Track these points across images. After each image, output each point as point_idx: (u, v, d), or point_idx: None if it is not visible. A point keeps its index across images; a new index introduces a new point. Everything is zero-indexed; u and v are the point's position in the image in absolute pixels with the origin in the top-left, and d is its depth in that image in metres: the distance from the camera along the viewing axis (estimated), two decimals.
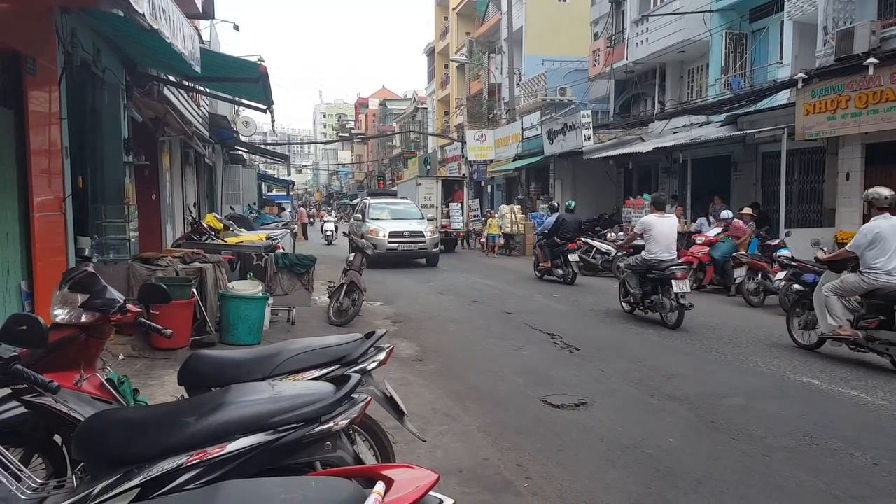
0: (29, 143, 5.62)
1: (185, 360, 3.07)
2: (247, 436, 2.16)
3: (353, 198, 65.58)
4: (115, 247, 8.30)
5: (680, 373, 6.43)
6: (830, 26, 12.83)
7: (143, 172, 10.45)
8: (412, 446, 4.29)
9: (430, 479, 1.72)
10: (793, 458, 4.29)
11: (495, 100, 33.08)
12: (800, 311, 7.64)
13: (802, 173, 14.86)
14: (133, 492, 2.06)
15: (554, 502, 3.70)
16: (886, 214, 6.82)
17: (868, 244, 6.67)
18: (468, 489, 3.81)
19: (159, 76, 10.32)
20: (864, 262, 6.73)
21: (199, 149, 14.69)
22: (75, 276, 3.03)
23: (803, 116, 12.94)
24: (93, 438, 2.21)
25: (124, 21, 6.26)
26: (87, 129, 8.15)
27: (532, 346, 7.75)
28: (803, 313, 7.55)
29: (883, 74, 11.38)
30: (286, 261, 8.79)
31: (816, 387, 5.96)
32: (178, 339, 6.43)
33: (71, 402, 2.71)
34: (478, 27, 37.19)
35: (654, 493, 3.79)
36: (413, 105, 54.63)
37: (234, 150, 24.05)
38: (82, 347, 2.96)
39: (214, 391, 2.61)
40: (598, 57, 22.37)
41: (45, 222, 5.90)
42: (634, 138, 19.25)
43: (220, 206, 20.58)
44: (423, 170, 36.91)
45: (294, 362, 3.12)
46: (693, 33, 17.47)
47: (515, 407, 5.42)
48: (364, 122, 75.08)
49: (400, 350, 7.17)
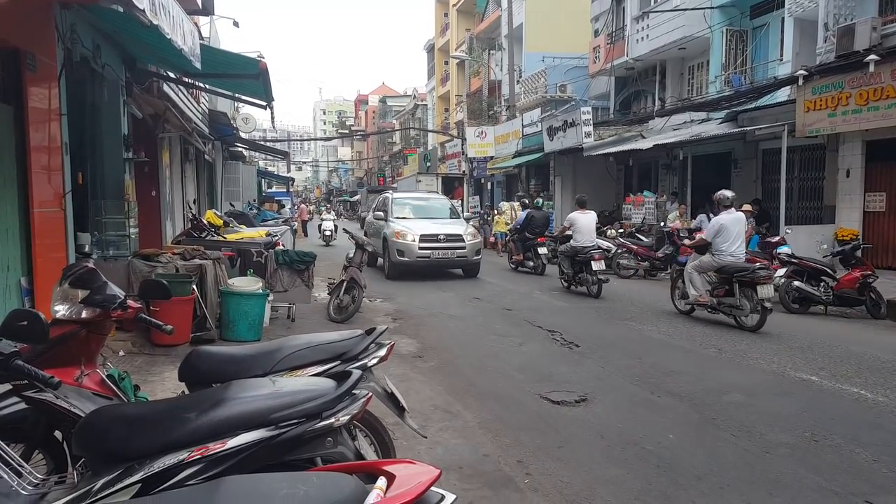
0: (29, 140, 5.62)
1: (186, 357, 3.07)
2: (248, 432, 2.16)
3: (352, 195, 65.55)
4: (115, 243, 8.30)
5: (680, 369, 6.43)
6: (831, 23, 12.81)
7: (143, 169, 10.44)
8: (413, 442, 4.29)
9: (431, 475, 1.72)
10: (793, 455, 4.29)
11: (495, 97, 33.04)
12: (680, 286, 9.60)
13: (803, 170, 14.86)
14: (134, 487, 2.06)
15: (554, 498, 3.70)
16: (731, 210, 8.90)
17: (716, 233, 8.77)
18: (469, 485, 3.81)
19: (159, 72, 10.31)
20: (714, 247, 8.82)
21: (198, 145, 14.67)
22: (76, 272, 3.03)
23: (804, 113, 12.93)
24: (94, 434, 2.21)
25: (124, 17, 6.23)
26: (87, 125, 8.14)
27: (532, 342, 7.75)
28: (681, 287, 9.55)
29: (884, 71, 11.37)
30: (286, 257, 8.79)
31: (816, 383, 5.96)
32: (179, 335, 6.44)
33: (71, 397, 2.71)
34: (478, 23, 37.13)
35: (654, 490, 3.79)
36: (413, 102, 54.59)
37: (234, 146, 24.02)
38: (83, 343, 2.96)
39: (215, 387, 2.60)
40: (598, 54, 22.34)
41: (45, 218, 5.90)
42: (635, 135, 19.24)
43: (220, 203, 20.58)
44: (423, 167, 36.94)
45: (295, 358, 3.12)
46: (693, 30, 17.45)
47: (516, 403, 5.43)
48: (364, 118, 75.02)
49: (400, 346, 7.18)
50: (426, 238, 13.25)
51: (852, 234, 12.16)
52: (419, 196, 17.44)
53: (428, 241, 13.22)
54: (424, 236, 13.26)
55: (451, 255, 13.39)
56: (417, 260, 13.16)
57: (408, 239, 13.21)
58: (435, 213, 15.12)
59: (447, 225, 14.04)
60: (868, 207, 12.75)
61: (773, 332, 8.20)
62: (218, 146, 20.39)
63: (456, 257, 13.48)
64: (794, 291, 9.74)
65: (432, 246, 13.21)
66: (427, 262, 13.29)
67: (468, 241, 13.55)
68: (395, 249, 13.20)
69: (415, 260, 13.15)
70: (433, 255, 13.20)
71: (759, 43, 16.73)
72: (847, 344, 7.55)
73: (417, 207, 15.24)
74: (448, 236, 13.45)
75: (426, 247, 13.17)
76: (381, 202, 16.00)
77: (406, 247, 13.12)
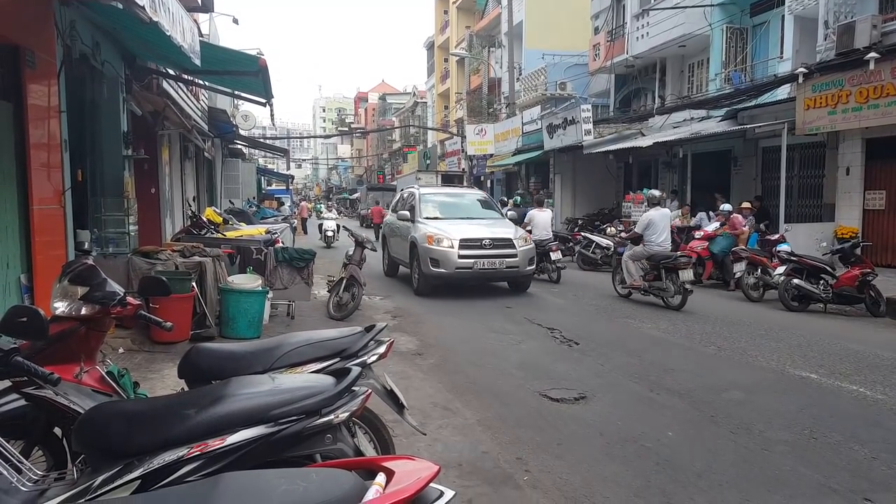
0: (28, 137, 5.62)
1: (186, 354, 3.07)
2: (247, 428, 2.17)
3: (352, 192, 65.50)
4: (115, 240, 8.29)
5: (679, 367, 6.44)
6: (831, 21, 12.81)
7: (143, 166, 10.44)
8: (412, 439, 4.30)
9: (430, 471, 1.72)
10: (792, 452, 4.29)
11: (495, 94, 33.04)
12: (619, 273, 10.93)
13: (802, 168, 14.86)
14: (133, 484, 2.06)
15: (553, 495, 3.71)
16: (658, 207, 10.60)
17: (645, 227, 10.24)
18: (468, 482, 3.81)
19: (159, 69, 10.30)
20: (644, 238, 10.28)
21: (198, 143, 14.67)
22: (75, 269, 3.03)
23: (804, 111, 12.93)
24: (93, 431, 2.21)
25: (124, 13, 6.23)
26: (87, 122, 8.14)
27: (531, 340, 7.75)
28: (620, 273, 10.89)
29: (884, 69, 11.37)
30: (286, 255, 8.79)
31: (815, 381, 5.97)
32: (178, 332, 6.43)
33: (71, 394, 2.71)
34: (478, 21, 37.13)
35: (653, 487, 3.79)
36: (413, 99, 54.58)
37: (234, 144, 24.01)
38: (82, 340, 2.97)
39: (214, 384, 2.61)
40: (598, 51, 22.33)
41: (44, 215, 5.90)
42: (634, 133, 19.23)
43: (220, 201, 20.58)
44: (423, 164, 36.93)
45: (294, 355, 3.12)
46: (694, 27, 17.45)
47: (515, 401, 5.43)
48: (363, 116, 75.04)
49: (400, 344, 7.18)
50: (467, 244, 10.70)
51: (852, 231, 12.17)
52: (452, 191, 14.57)
53: (470, 248, 10.68)
54: (465, 241, 10.71)
55: (499, 265, 10.79)
56: (456, 272, 10.64)
57: (444, 245, 10.68)
58: (473, 211, 12.58)
59: (491, 227, 11.54)
60: (868, 205, 12.76)
61: (772, 330, 8.21)
62: (217, 143, 20.38)
63: (505, 268, 10.85)
64: (793, 289, 9.74)
65: (475, 254, 10.67)
66: (469, 275, 10.80)
67: (520, 248, 10.96)
68: (427, 258, 10.73)
69: (453, 272, 10.63)
70: (477, 265, 10.64)
71: (760, 40, 16.72)
72: (846, 342, 7.55)
73: (451, 205, 12.67)
74: (494, 241, 10.88)
75: (468, 255, 10.62)
76: (405, 199, 13.32)
77: (442, 255, 10.61)
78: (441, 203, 12.61)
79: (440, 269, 10.65)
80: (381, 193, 36.88)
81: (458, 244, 10.65)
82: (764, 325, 8.52)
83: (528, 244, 11.25)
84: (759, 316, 9.33)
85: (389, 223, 13.72)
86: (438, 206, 12.43)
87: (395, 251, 13.00)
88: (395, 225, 12.98)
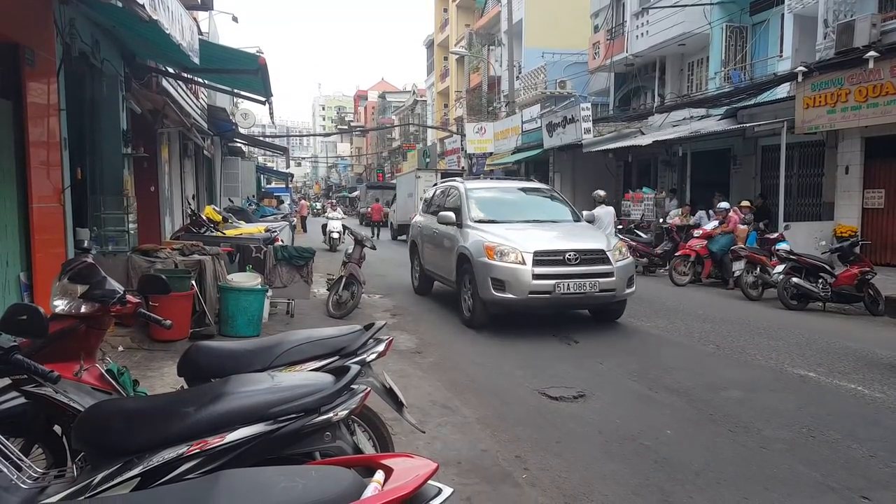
0: (28, 135, 5.62)
1: (185, 352, 3.08)
2: (246, 426, 2.17)
3: (351, 190, 65.40)
4: (114, 239, 8.29)
5: (678, 366, 6.44)
6: (831, 19, 12.81)
7: (142, 164, 10.43)
8: (411, 438, 4.31)
9: (429, 469, 1.73)
10: (790, 450, 4.30)
11: (495, 92, 33.04)
12: None
13: (802, 167, 14.87)
14: (133, 481, 2.07)
15: (552, 493, 3.71)
16: (602, 205, 12.60)
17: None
18: (467, 480, 3.82)
19: (158, 68, 10.29)
20: None
21: (197, 141, 14.66)
22: (75, 267, 3.04)
23: (803, 110, 12.94)
24: (93, 428, 2.22)
25: (123, 12, 6.22)
26: (86, 120, 8.14)
27: (530, 338, 7.75)
28: None
29: (883, 68, 11.37)
30: (285, 253, 8.80)
31: (814, 379, 5.98)
32: (178, 330, 6.44)
33: (71, 392, 2.72)
34: (477, 19, 37.11)
35: (651, 485, 3.80)
36: (412, 98, 54.56)
37: (233, 142, 23.99)
38: (82, 338, 2.97)
39: (214, 382, 2.61)
40: (597, 50, 22.33)
41: (44, 214, 5.91)
42: (634, 131, 19.24)
43: (219, 199, 20.57)
44: (423, 163, 36.88)
45: (293, 353, 3.13)
46: (693, 26, 17.45)
47: (514, 399, 5.44)
48: (363, 114, 75.00)
49: (399, 342, 7.18)
50: (545, 258, 7.75)
51: (851, 230, 12.18)
52: (507, 185, 11.01)
53: (548, 264, 7.72)
54: (541, 255, 7.75)
55: (590, 287, 7.69)
56: (530, 298, 7.68)
57: (511, 260, 7.73)
58: (539, 211, 9.50)
59: (571, 234, 8.58)
60: (867, 204, 12.77)
61: (771, 329, 8.22)
62: (217, 142, 20.37)
63: (598, 292, 7.76)
64: (792, 288, 9.75)
65: (556, 272, 7.67)
66: (547, 302, 7.79)
67: (616, 263, 7.94)
68: (486, 278, 7.82)
69: (526, 298, 7.66)
70: (558, 288, 7.61)
71: (759, 39, 16.72)
72: (845, 340, 7.56)
73: (509, 203, 9.61)
74: (582, 254, 7.84)
75: (546, 274, 7.64)
76: (445, 195, 10.39)
77: (510, 274, 7.65)
78: (496, 200, 9.57)
79: (506, 293, 7.63)
80: (380, 192, 36.86)
81: (531, 259, 7.64)
82: (763, 324, 8.53)
83: (625, 257, 8.27)
84: (757, 314, 9.34)
85: (421, 227, 10.90)
86: (493, 204, 9.37)
87: (431, 263, 10.26)
88: (430, 229, 10.17)
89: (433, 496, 1.69)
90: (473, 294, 8.17)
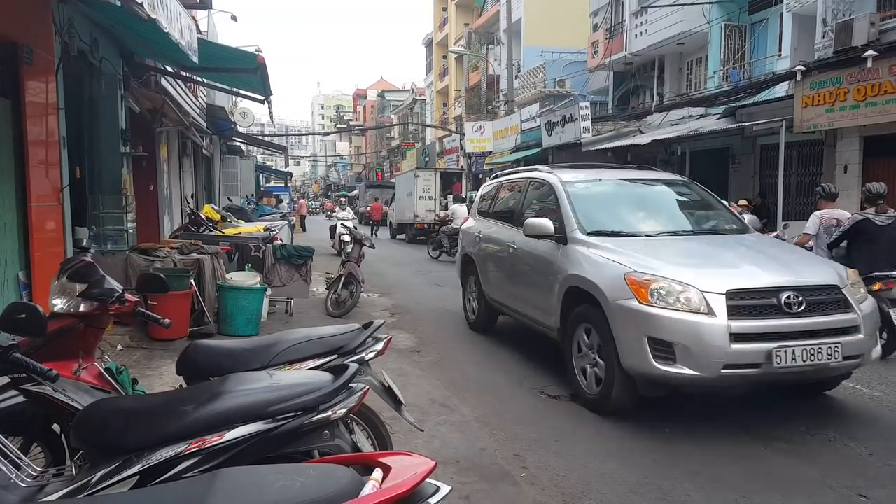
0: (26, 134, 5.62)
1: (184, 350, 3.08)
2: (245, 424, 2.18)
3: (350, 189, 65.36)
4: (113, 237, 8.29)
5: None
6: (829, 18, 12.81)
7: (141, 163, 10.43)
8: (410, 436, 4.31)
9: (427, 467, 1.73)
10: (788, 449, 4.31)
11: (494, 91, 33.02)
12: None
13: (800, 166, 14.87)
14: (132, 479, 2.07)
15: (550, 492, 3.72)
16: None
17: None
18: (465, 478, 3.83)
19: (157, 66, 10.29)
20: None
21: (196, 140, 14.66)
22: (74, 266, 3.03)
23: (802, 109, 12.93)
24: (92, 427, 2.22)
25: (122, 10, 6.20)
26: (85, 119, 8.13)
27: (530, 337, 7.75)
28: None
29: (881, 67, 11.36)
30: (284, 252, 8.80)
31: None
32: (176, 329, 6.45)
33: (69, 391, 2.72)
34: (477, 18, 37.10)
35: (649, 483, 3.81)
36: (411, 96, 54.52)
37: (232, 141, 24.00)
38: (81, 337, 2.97)
39: (213, 381, 2.62)
40: (596, 48, 22.32)
41: (42, 213, 5.91)
42: (633, 130, 19.23)
43: (218, 198, 20.56)
44: (422, 162, 36.91)
45: (292, 352, 3.13)
46: (692, 25, 17.44)
47: (513, 398, 5.44)
48: (362, 113, 74.96)
49: (398, 341, 7.18)
50: (746, 302, 4.48)
51: None
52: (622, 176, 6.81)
53: (754, 314, 4.45)
54: (739, 296, 4.49)
55: (827, 354, 4.37)
56: (724, 375, 4.35)
57: (685, 305, 4.46)
58: (687, 217, 6.27)
59: (770, 258, 5.23)
60: None
61: None
62: (216, 141, 20.37)
63: (842, 359, 4.44)
64: None
65: (771, 327, 4.38)
66: (755, 379, 4.51)
67: (860, 307, 4.69)
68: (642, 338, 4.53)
69: (717, 375, 4.34)
70: (777, 356, 4.27)
71: (758, 38, 16.72)
72: None
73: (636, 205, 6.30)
74: (804, 293, 4.53)
75: (754, 331, 4.37)
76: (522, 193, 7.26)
77: (688, 332, 4.37)
78: (613, 200, 6.39)
79: (678, 365, 4.39)
80: (379, 191, 36.95)
81: (723, 305, 4.41)
82: None
83: (865, 296, 4.95)
84: None
85: (483, 236, 7.75)
86: (610, 206, 6.21)
87: (505, 293, 7.14)
88: (501, 242, 7.16)
89: (431, 494, 1.70)
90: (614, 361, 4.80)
